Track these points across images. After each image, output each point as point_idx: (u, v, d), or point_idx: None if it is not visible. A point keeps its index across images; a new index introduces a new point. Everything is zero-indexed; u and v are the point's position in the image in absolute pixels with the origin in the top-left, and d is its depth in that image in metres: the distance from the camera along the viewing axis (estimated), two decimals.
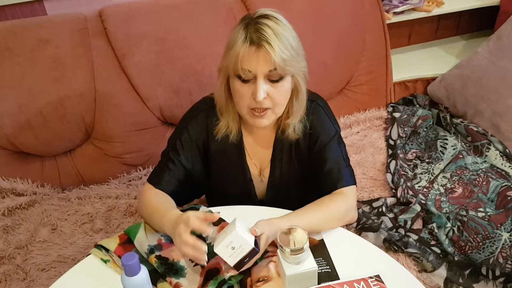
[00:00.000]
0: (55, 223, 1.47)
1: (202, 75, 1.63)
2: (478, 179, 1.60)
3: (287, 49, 0.96)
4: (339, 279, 0.92)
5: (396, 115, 1.92)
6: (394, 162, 1.68)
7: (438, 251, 1.36)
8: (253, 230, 0.90)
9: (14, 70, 1.48)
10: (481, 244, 1.36)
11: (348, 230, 1.07)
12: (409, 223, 1.46)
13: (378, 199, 1.55)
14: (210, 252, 0.88)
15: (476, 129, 1.80)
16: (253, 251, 0.86)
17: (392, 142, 1.80)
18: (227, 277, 0.91)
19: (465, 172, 1.65)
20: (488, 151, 1.72)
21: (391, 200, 1.55)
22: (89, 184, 1.65)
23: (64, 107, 1.53)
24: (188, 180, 1.16)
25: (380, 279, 0.90)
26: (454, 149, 1.75)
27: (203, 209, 1.09)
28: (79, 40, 1.54)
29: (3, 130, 1.50)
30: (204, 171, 1.20)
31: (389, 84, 2.00)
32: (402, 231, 1.42)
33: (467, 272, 1.30)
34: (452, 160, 1.70)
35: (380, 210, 1.51)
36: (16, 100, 1.49)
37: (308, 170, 1.19)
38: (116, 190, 1.61)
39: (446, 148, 1.76)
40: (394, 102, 2.07)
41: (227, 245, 0.86)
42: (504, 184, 1.55)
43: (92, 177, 1.65)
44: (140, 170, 1.69)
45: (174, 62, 1.61)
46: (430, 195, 1.57)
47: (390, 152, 1.76)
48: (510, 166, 1.65)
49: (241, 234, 0.85)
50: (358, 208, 1.49)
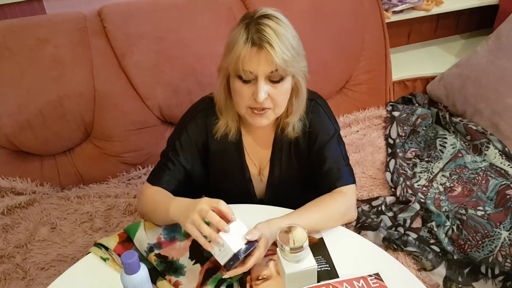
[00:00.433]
0: (54, 222, 1.47)
1: (202, 74, 1.63)
2: (478, 178, 1.60)
3: (288, 49, 0.96)
4: (338, 277, 0.92)
5: (396, 114, 1.92)
6: (393, 161, 1.68)
7: (438, 249, 1.36)
8: (247, 237, 0.89)
9: (13, 70, 1.48)
10: (480, 242, 1.36)
11: (348, 229, 1.08)
12: (408, 221, 1.46)
13: (377, 198, 1.56)
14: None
15: (475, 128, 1.80)
16: (234, 256, 0.86)
17: (391, 141, 1.80)
18: (226, 276, 0.91)
19: (464, 171, 1.65)
20: (487, 150, 1.72)
21: (390, 199, 1.55)
22: (88, 183, 1.65)
23: (64, 106, 1.53)
24: (187, 180, 1.15)
25: (380, 277, 0.90)
26: (453, 148, 1.75)
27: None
28: (78, 39, 1.54)
29: (2, 130, 1.50)
30: (203, 171, 1.20)
31: (388, 83, 2.00)
32: (402, 229, 1.43)
33: (467, 270, 1.30)
34: (451, 159, 1.70)
35: (380, 208, 1.51)
36: (15, 99, 1.49)
37: (307, 169, 1.18)
38: (115, 189, 1.61)
39: (445, 147, 1.76)
40: (394, 101, 2.07)
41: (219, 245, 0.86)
42: (503, 183, 1.55)
43: (92, 176, 1.65)
44: (139, 169, 1.69)
45: (174, 61, 1.61)
46: (429, 193, 1.57)
47: (390, 151, 1.76)
48: (509, 165, 1.65)
49: (227, 238, 0.85)
50: (358, 207, 1.49)
